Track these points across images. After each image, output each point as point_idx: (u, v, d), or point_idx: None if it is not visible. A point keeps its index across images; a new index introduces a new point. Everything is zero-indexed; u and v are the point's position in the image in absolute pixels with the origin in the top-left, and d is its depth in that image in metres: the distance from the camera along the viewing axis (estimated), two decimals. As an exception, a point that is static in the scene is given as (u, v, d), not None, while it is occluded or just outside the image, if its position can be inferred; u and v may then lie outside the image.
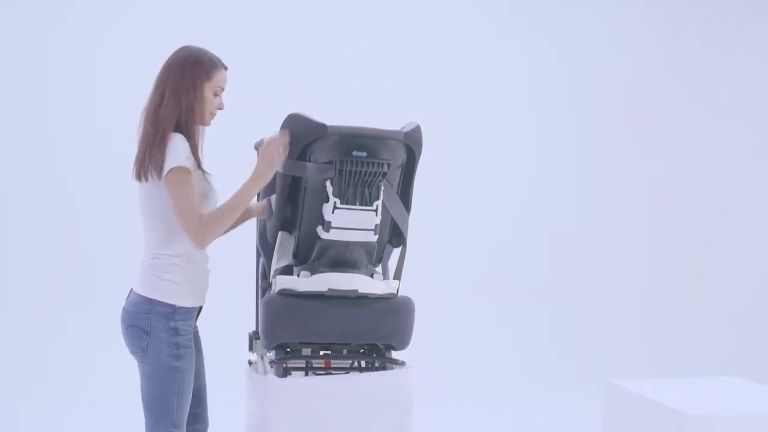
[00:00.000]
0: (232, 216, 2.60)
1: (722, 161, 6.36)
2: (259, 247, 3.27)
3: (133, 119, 2.84)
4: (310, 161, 2.68)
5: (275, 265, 3.08)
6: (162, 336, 2.58)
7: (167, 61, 2.67)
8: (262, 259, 3.31)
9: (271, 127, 2.87)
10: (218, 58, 2.71)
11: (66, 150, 5.30)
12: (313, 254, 2.82)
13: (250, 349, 3.54)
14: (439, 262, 5.53)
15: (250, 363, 3.39)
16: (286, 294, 2.79)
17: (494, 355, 5.57)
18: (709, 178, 6.34)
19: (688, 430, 2.97)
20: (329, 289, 2.77)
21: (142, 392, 2.66)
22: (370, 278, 2.83)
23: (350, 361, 3.12)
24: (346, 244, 2.78)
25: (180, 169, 2.52)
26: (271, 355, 3.40)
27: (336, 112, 3.17)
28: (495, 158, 5.89)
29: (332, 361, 3.14)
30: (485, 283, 5.72)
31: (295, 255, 2.86)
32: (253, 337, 3.52)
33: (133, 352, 2.65)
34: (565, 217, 6.06)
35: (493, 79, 5.92)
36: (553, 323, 5.91)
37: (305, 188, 2.73)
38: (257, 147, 3.41)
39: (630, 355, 5.81)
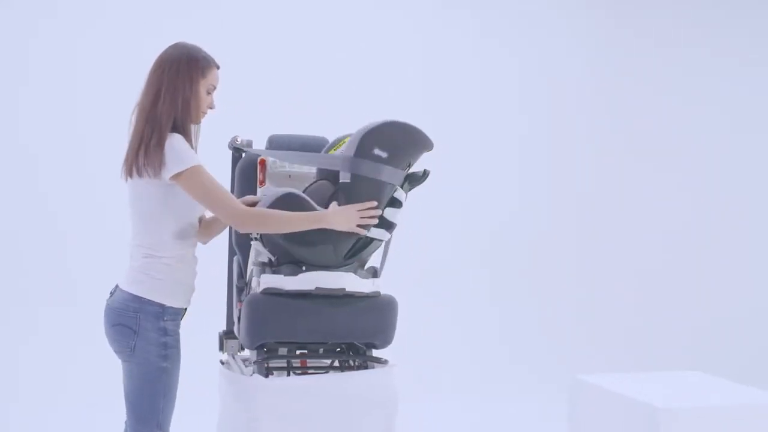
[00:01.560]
0: (278, 228, 2.64)
1: (670, 158, 6.51)
2: (235, 246, 3.23)
3: (112, 117, 2.80)
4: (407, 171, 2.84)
5: (252, 265, 3.05)
6: (151, 336, 2.54)
7: (160, 58, 2.63)
8: (236, 258, 3.27)
9: (258, 126, 2.85)
10: (211, 57, 2.68)
11: (42, 148, 5.22)
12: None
13: (221, 349, 3.50)
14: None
15: (222, 363, 3.35)
16: (271, 293, 2.76)
17: (451, 354, 5.61)
18: (659, 173, 6.50)
19: (659, 423, 3.03)
20: (317, 288, 2.75)
21: (127, 392, 2.61)
22: (357, 276, 2.82)
23: (330, 360, 3.11)
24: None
25: (198, 168, 2.50)
26: (246, 354, 3.38)
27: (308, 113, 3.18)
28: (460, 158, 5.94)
29: (312, 361, 3.14)
30: (438, 279, 5.76)
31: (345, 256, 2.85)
32: (224, 336, 3.48)
33: (118, 351, 2.60)
34: (519, 217, 6.16)
35: (439, 78, 5.99)
36: (506, 322, 5.97)
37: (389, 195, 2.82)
38: (230, 146, 3.38)
39: (579, 352, 5.92)
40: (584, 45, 6.41)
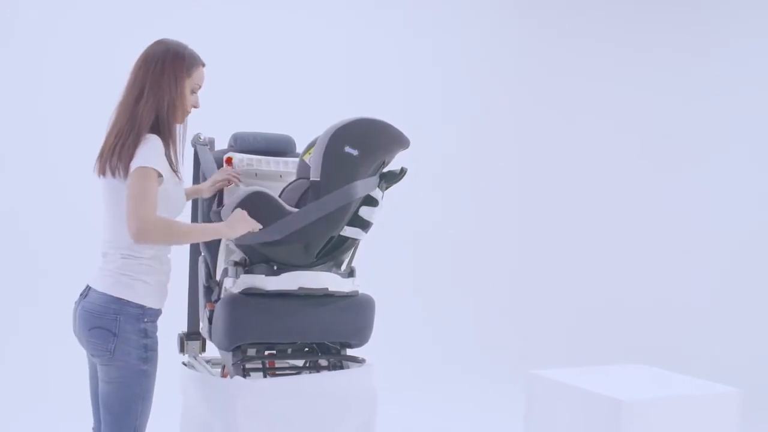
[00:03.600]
0: (182, 240, 2.56)
1: (588, 156, 6.69)
2: (203, 245, 3.16)
3: (79, 114, 2.71)
4: (383, 169, 2.84)
5: (224, 265, 3.00)
6: (131, 338, 2.47)
7: (145, 54, 2.56)
8: (202, 257, 3.20)
9: (222, 123, 2.79)
10: (197, 54, 2.62)
11: (9, 145, 5.05)
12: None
13: (181, 350, 3.42)
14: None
15: (185, 365, 3.28)
16: (252, 293, 2.72)
17: (401, 352, 5.64)
18: (585, 170, 6.67)
19: (623, 416, 3.12)
20: (300, 288, 2.73)
21: (105, 396, 2.53)
22: (338, 276, 2.81)
23: (303, 360, 3.09)
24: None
25: (147, 169, 2.39)
26: (209, 356, 3.31)
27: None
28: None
29: (280, 361, 3.11)
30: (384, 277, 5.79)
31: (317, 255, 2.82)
32: (185, 338, 3.40)
33: (96, 355, 2.52)
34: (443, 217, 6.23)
35: (361, 77, 6.02)
36: (438, 321, 6.03)
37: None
38: (194, 143, 3.31)
39: (517, 349, 6.04)
40: (508, 43, 6.57)
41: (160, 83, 2.48)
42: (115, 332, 2.45)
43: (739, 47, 6.46)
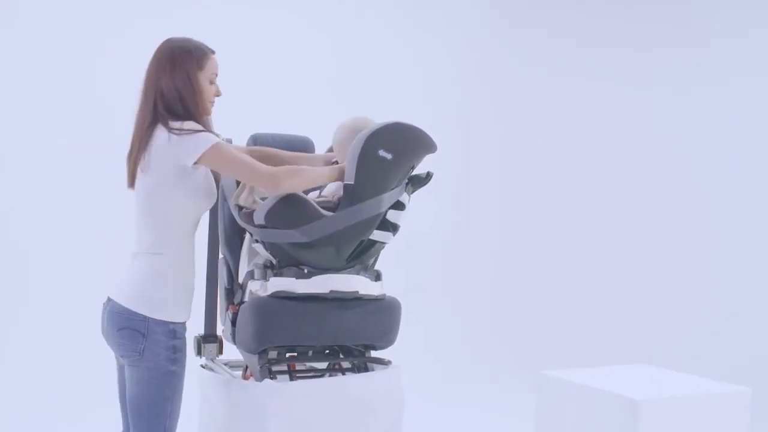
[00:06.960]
0: (309, 184, 2.68)
1: (587, 156, 6.74)
2: (224, 246, 3.15)
3: (75, 116, 2.71)
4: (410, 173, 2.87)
5: (248, 267, 3.00)
6: (160, 339, 2.49)
7: (153, 58, 2.57)
8: (223, 258, 3.19)
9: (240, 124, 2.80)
10: (204, 44, 2.63)
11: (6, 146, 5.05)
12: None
13: (198, 353, 3.40)
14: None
15: (203, 367, 3.27)
16: (282, 297, 2.72)
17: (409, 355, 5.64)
18: (591, 172, 6.72)
19: (638, 415, 3.17)
20: (331, 291, 2.74)
21: (133, 397, 2.54)
22: (367, 279, 2.83)
23: (326, 363, 3.10)
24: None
25: (219, 145, 2.47)
26: (226, 358, 3.31)
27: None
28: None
29: (305, 363, 3.12)
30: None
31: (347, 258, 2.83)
32: (202, 340, 3.38)
33: (125, 355, 2.53)
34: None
35: (375, 78, 6.07)
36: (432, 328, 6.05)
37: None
38: None
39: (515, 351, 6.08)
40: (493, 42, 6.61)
41: (174, 81, 2.50)
42: (144, 333, 2.47)
43: (740, 47, 6.49)
